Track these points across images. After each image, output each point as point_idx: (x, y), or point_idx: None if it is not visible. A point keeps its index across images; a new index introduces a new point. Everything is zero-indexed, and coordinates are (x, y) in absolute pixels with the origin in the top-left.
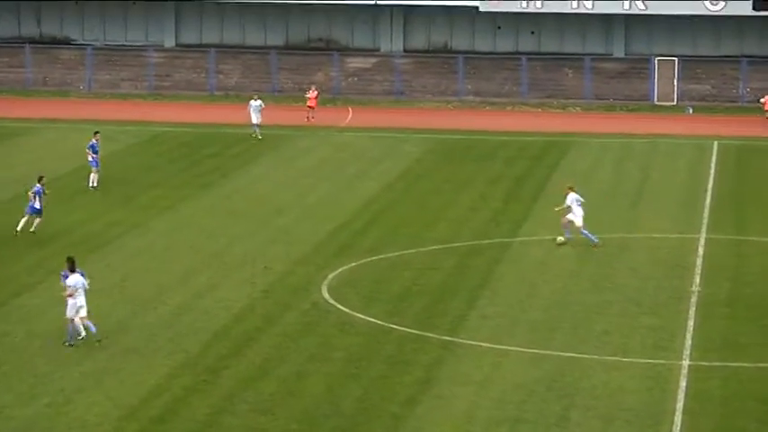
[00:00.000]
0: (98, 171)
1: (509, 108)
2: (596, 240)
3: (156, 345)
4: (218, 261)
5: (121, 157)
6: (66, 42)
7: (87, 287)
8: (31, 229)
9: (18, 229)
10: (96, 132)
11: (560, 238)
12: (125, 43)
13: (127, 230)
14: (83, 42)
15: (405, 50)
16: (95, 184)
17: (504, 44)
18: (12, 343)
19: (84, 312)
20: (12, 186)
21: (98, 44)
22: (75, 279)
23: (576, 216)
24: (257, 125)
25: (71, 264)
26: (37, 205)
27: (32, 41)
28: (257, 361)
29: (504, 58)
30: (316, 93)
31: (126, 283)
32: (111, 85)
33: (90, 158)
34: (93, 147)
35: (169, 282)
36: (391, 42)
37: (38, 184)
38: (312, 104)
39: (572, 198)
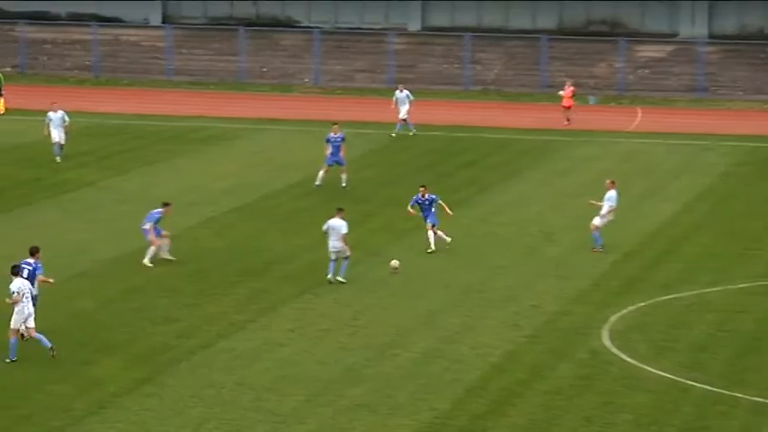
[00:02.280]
0: (329, 169)
1: None
2: (600, 246)
3: (395, 400)
4: (473, 298)
5: (356, 166)
6: (290, 25)
7: (36, 292)
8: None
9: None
10: (335, 124)
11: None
12: (361, 26)
13: (361, 258)
14: (309, 25)
15: (710, 36)
16: (345, 185)
17: None
18: (218, 395)
19: (32, 322)
20: (222, 200)
21: (328, 27)
22: (18, 284)
23: (602, 216)
24: (403, 120)
25: (13, 267)
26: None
27: (248, 23)
28: (522, 423)
29: None
30: (571, 89)
31: (359, 324)
32: (343, 77)
33: (328, 154)
34: (330, 140)
35: (412, 323)
36: (693, 25)
37: None
38: (568, 104)
39: (611, 196)
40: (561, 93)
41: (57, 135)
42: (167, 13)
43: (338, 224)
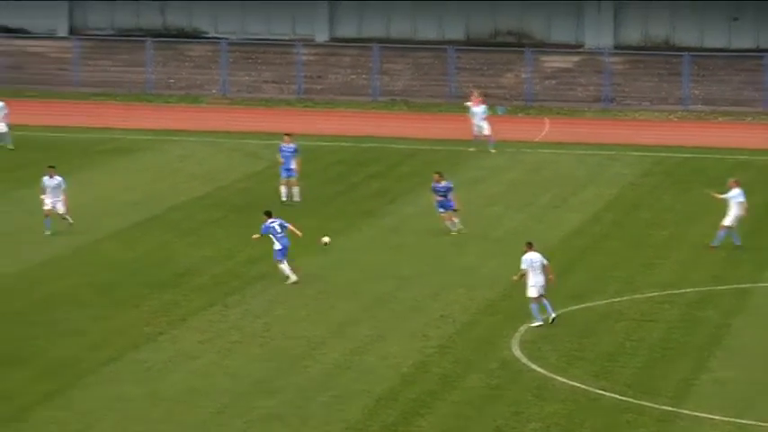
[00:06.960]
0: (289, 181)
1: (748, 119)
2: (738, 243)
3: (306, 411)
4: (382, 308)
5: (265, 178)
6: (196, 36)
7: None
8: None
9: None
10: (287, 135)
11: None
12: (268, 37)
13: (271, 270)
14: (216, 36)
15: (616, 46)
16: (297, 198)
17: (742, 39)
18: (128, 408)
19: None
20: (130, 212)
21: (235, 38)
22: None
23: (731, 214)
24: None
25: None
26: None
27: (155, 34)
28: None
29: (743, 56)
30: (480, 99)
31: (269, 335)
32: (250, 88)
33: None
34: (282, 151)
35: (322, 334)
36: (599, 36)
37: None
38: None
39: (736, 193)
40: (468, 103)
41: None
42: (74, 25)
43: (537, 257)
